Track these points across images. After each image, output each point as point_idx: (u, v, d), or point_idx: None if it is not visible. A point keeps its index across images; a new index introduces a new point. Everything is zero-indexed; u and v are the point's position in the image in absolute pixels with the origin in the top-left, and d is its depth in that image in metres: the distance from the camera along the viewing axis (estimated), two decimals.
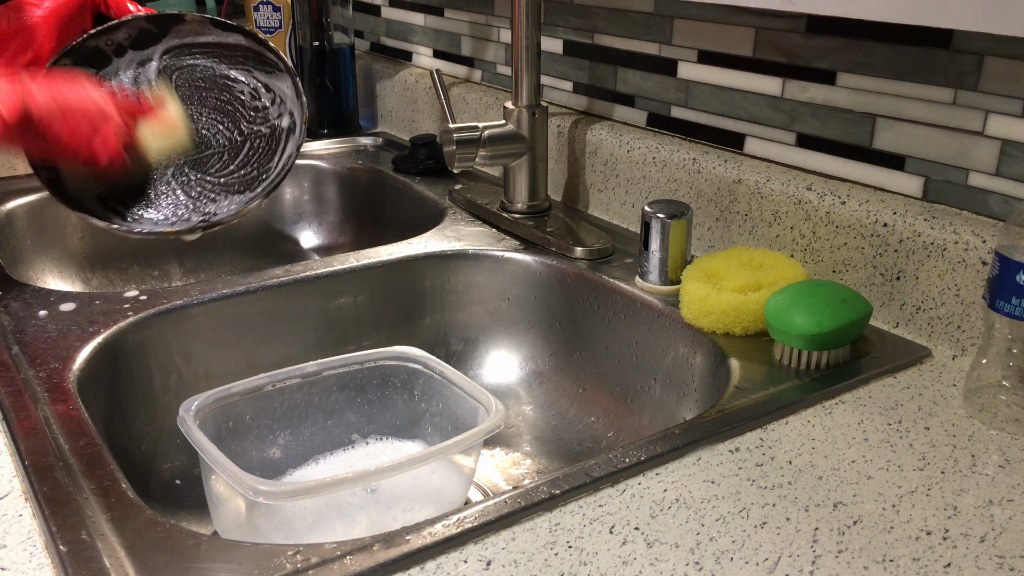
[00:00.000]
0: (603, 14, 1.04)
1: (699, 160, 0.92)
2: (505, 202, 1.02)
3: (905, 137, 0.78)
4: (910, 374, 0.71)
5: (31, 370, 0.69)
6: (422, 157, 1.20)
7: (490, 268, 0.95)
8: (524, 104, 0.98)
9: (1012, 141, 0.71)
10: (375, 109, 1.49)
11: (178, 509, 0.75)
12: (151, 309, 0.79)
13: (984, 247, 0.70)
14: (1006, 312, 0.62)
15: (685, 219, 0.83)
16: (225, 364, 0.84)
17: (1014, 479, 0.58)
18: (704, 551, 0.51)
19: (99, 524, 0.52)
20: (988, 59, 0.71)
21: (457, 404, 0.71)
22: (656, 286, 0.84)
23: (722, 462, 0.59)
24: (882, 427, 0.64)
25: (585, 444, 0.86)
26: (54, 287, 1.04)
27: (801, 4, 0.77)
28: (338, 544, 0.50)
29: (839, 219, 0.80)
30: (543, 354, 0.94)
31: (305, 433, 0.75)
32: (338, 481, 0.59)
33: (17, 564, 0.50)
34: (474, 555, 0.51)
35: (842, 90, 0.81)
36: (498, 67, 1.25)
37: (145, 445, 0.78)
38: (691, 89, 0.96)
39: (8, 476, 0.57)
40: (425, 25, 1.39)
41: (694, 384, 0.79)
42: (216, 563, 0.49)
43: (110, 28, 0.86)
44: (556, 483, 0.56)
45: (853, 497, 0.56)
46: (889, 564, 0.50)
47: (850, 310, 0.71)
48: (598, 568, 0.50)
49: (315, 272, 0.88)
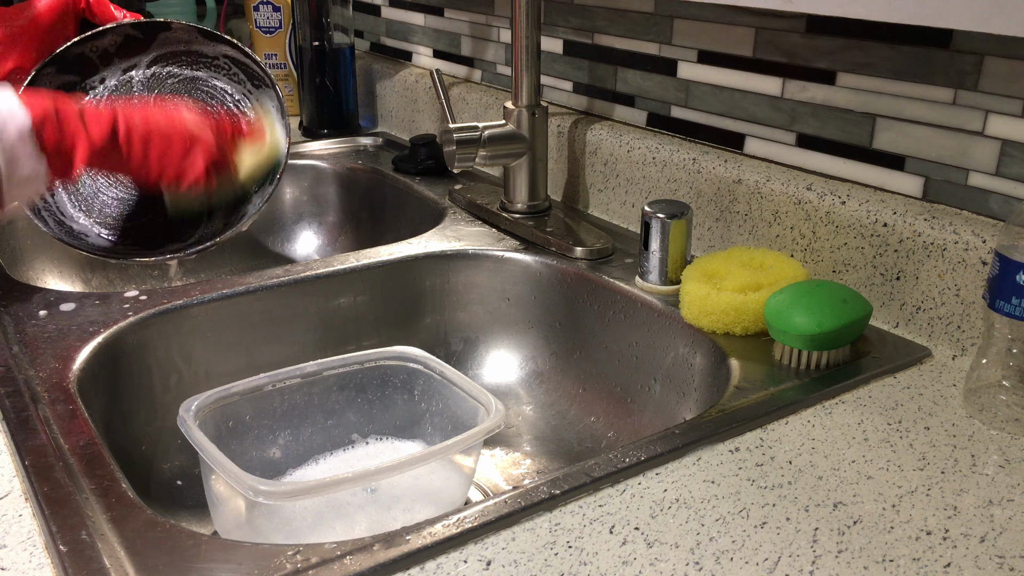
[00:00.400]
0: (603, 14, 1.04)
1: (699, 160, 0.92)
2: (505, 202, 1.02)
3: (905, 137, 0.78)
4: (910, 374, 0.71)
5: (31, 370, 0.69)
6: (422, 157, 1.20)
7: (490, 268, 0.95)
8: (524, 104, 0.98)
9: (1012, 141, 0.71)
10: (375, 109, 1.49)
11: (178, 509, 0.75)
12: (151, 309, 0.79)
13: (984, 247, 0.70)
14: (1006, 312, 0.62)
15: (685, 219, 0.83)
16: (225, 364, 0.84)
17: (1014, 479, 0.58)
18: (704, 551, 0.51)
19: (99, 524, 0.52)
20: (988, 59, 0.71)
21: (457, 404, 0.71)
22: (656, 286, 0.84)
23: (722, 462, 0.59)
24: (882, 427, 0.64)
25: (585, 444, 0.86)
26: (54, 287, 1.04)
27: (801, 4, 0.77)
28: (338, 544, 0.50)
29: (839, 219, 0.80)
30: (543, 354, 0.94)
31: (305, 433, 0.75)
32: (338, 481, 0.59)
33: (17, 564, 0.50)
34: (474, 555, 0.51)
35: (842, 90, 0.81)
36: (498, 67, 1.25)
37: (145, 445, 0.78)
38: (691, 89, 0.96)
39: (8, 476, 0.57)
40: (425, 25, 1.39)
41: (694, 384, 0.79)
42: (216, 563, 0.49)
43: (95, 35, 0.85)
44: (556, 483, 0.56)
45: (853, 497, 0.56)
46: (889, 564, 0.50)
47: (850, 310, 0.71)
48: (598, 568, 0.50)
49: (315, 272, 0.88)
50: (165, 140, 0.74)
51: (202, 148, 0.75)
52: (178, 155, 0.75)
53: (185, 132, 0.75)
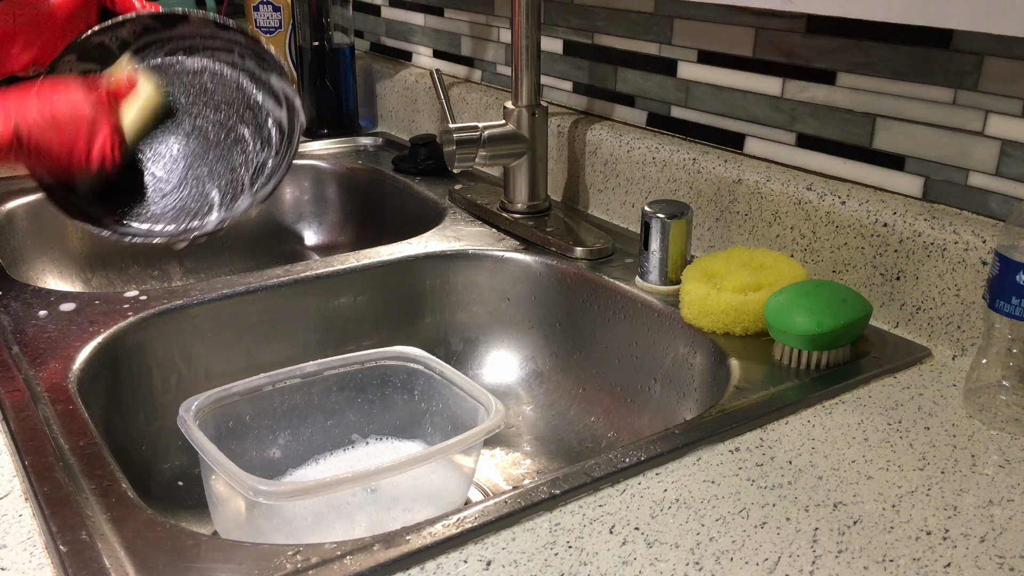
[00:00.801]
0: (603, 14, 1.04)
1: (699, 160, 0.92)
2: (505, 202, 1.02)
3: (905, 137, 0.78)
4: (910, 374, 0.71)
5: (31, 370, 0.69)
6: (422, 157, 1.20)
7: (490, 268, 0.95)
8: (524, 104, 0.98)
9: (1012, 141, 0.71)
10: (375, 109, 1.49)
11: (178, 509, 0.75)
12: (151, 309, 0.79)
13: (984, 247, 0.70)
14: (1006, 312, 0.62)
15: (685, 219, 0.83)
16: (225, 364, 0.84)
17: (1014, 479, 0.58)
18: (704, 551, 0.51)
19: (99, 524, 0.52)
20: (988, 59, 0.71)
21: (457, 404, 0.71)
22: (656, 286, 0.84)
23: (722, 462, 0.59)
24: (882, 427, 0.64)
25: (585, 444, 0.86)
26: (54, 287, 1.04)
27: (801, 4, 0.77)
28: (338, 544, 0.50)
29: (839, 219, 0.80)
30: (543, 354, 0.94)
31: (305, 433, 0.75)
32: (338, 481, 0.59)
33: (17, 564, 0.50)
34: (474, 555, 0.51)
35: (842, 90, 0.81)
36: (498, 67, 1.25)
37: (145, 445, 0.78)
38: (691, 89, 0.96)
39: (8, 476, 0.57)
40: (425, 25, 1.39)
41: (694, 384, 0.79)
42: (216, 563, 0.49)
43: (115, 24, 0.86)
44: (556, 483, 0.56)
45: (853, 497, 0.56)
46: (889, 564, 0.50)
47: (850, 310, 0.71)
48: (598, 568, 0.50)
49: (315, 272, 0.88)
50: (70, 128, 0.73)
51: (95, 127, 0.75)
52: (84, 142, 0.74)
53: (83, 116, 0.74)
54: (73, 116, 0.74)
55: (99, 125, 0.75)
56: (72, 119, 0.73)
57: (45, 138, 0.72)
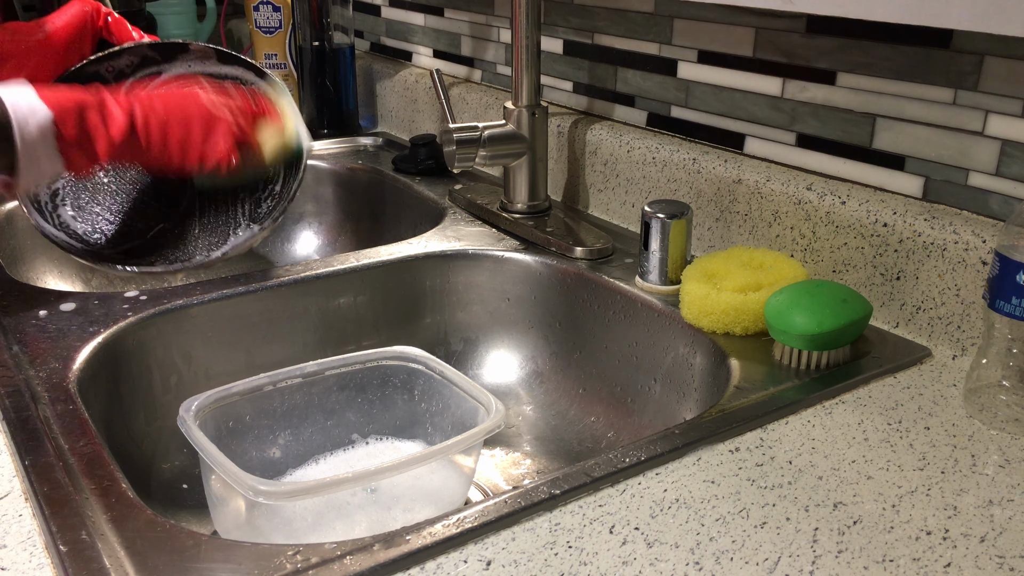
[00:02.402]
0: (603, 14, 1.04)
1: (699, 160, 0.92)
2: (505, 202, 1.02)
3: (905, 137, 0.78)
4: (910, 374, 0.71)
5: (31, 370, 0.69)
6: (422, 157, 1.20)
7: (490, 268, 0.95)
8: (524, 104, 0.98)
9: (1012, 141, 0.71)
10: (375, 109, 1.50)
11: (178, 509, 0.75)
12: (151, 309, 0.79)
13: (984, 247, 0.70)
14: (1006, 312, 0.62)
15: (685, 219, 0.83)
16: (225, 364, 0.84)
17: (1014, 479, 0.58)
18: (704, 551, 0.51)
19: (99, 524, 0.52)
20: (988, 59, 0.71)
21: (457, 404, 0.71)
22: (656, 286, 0.84)
23: (722, 462, 0.59)
24: (882, 427, 0.64)
25: (585, 444, 0.86)
26: (54, 287, 1.04)
27: (801, 4, 0.77)
28: (338, 544, 0.50)
29: (839, 219, 0.80)
30: (543, 354, 0.94)
31: (305, 433, 0.75)
32: (338, 481, 0.59)
33: (17, 564, 0.50)
34: (474, 555, 0.51)
35: (842, 90, 0.81)
36: (498, 67, 1.25)
37: (145, 445, 0.78)
38: (691, 89, 0.96)
39: (8, 476, 0.57)
40: (425, 25, 1.39)
41: (694, 384, 0.79)
42: (216, 563, 0.49)
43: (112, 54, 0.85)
44: (556, 483, 0.56)
45: (853, 497, 0.56)
46: (889, 564, 0.50)
47: (850, 310, 0.71)
48: (598, 568, 0.50)
49: (315, 272, 0.88)
50: (183, 124, 0.74)
51: (223, 128, 0.75)
52: (198, 138, 0.74)
53: (204, 114, 0.74)
54: (188, 111, 0.74)
55: (217, 123, 0.75)
56: (187, 114, 0.74)
57: (158, 131, 0.72)
